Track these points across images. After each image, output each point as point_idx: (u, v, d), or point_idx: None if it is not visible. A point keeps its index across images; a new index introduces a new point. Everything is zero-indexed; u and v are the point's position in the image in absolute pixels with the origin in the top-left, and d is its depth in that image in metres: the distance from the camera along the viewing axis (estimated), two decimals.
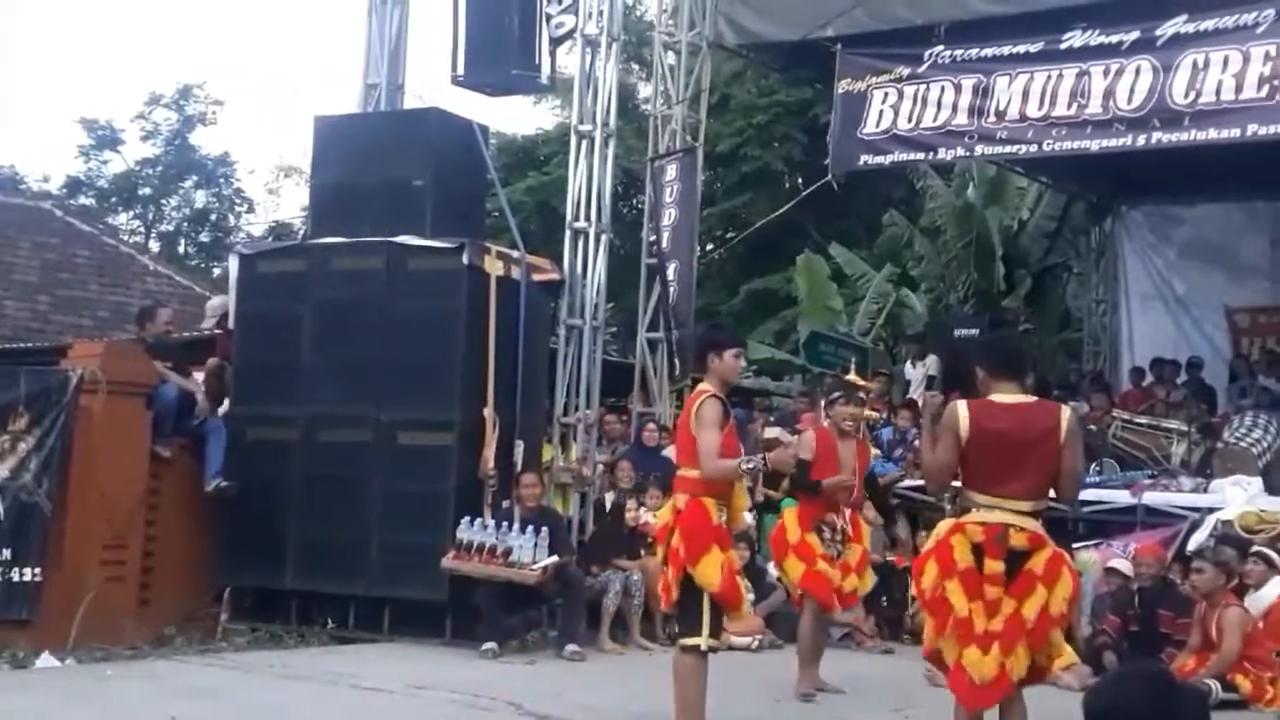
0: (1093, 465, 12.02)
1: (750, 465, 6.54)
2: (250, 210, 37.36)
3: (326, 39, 56.39)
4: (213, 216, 36.68)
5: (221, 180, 36.66)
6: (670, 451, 12.51)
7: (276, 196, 40.04)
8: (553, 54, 11.99)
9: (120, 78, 54.07)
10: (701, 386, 6.59)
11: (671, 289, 12.95)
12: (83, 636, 9.04)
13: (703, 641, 6.32)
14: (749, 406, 16.22)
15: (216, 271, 27.61)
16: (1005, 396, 5.67)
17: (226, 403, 10.75)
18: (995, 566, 5.53)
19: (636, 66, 26.32)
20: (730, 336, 6.94)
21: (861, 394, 8.79)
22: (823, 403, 9.46)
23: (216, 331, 11.43)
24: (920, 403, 7.75)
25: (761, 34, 13.48)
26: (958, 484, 5.89)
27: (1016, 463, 5.59)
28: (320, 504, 10.13)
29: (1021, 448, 5.59)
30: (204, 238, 36.51)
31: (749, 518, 11.78)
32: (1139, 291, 17.43)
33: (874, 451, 12.41)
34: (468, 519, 9.58)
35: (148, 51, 54.78)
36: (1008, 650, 5.49)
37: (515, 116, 47.92)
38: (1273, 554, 9.38)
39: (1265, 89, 10.52)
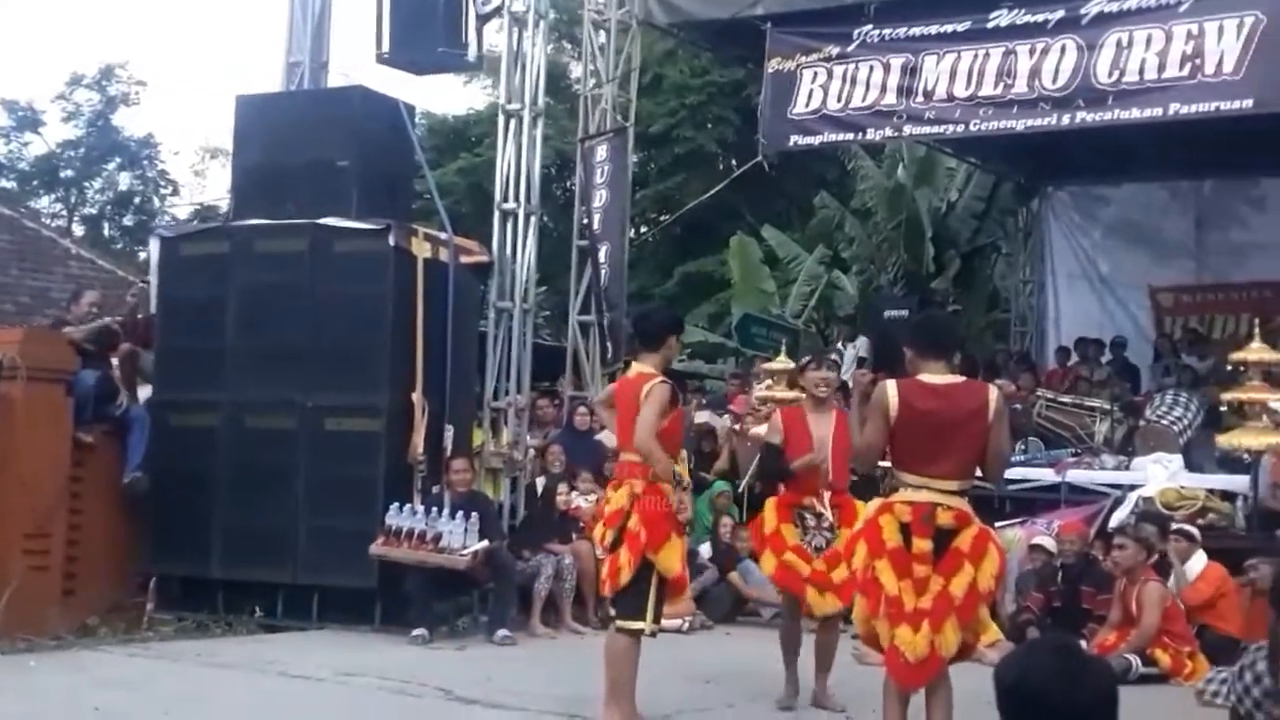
0: (1018, 444, 12.15)
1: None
2: (175, 193, 36.83)
3: (251, 17, 55.68)
4: (137, 199, 36.12)
5: (145, 162, 36.10)
6: (605, 436, 12.52)
7: (202, 179, 39.63)
8: (480, 31, 11.86)
9: (40, 57, 53.09)
10: (646, 369, 6.56)
11: (603, 271, 12.91)
12: (5, 627, 8.87)
13: (647, 626, 6.40)
14: (683, 390, 16.25)
15: (142, 255, 27.16)
16: (933, 377, 5.70)
17: (146, 390, 10.59)
18: (923, 545, 5.58)
19: (567, 45, 26.22)
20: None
21: (835, 357, 8.40)
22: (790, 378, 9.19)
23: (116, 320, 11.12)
24: (850, 382, 7.44)
25: (691, 12, 13.45)
26: (885, 464, 5.94)
27: (944, 442, 5.63)
28: (246, 491, 10.01)
29: (949, 428, 5.63)
30: (128, 221, 35.93)
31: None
32: (1065, 271, 17.63)
33: None
34: (397, 505, 9.51)
35: (69, 30, 53.84)
36: (937, 627, 5.54)
37: (447, 96, 47.62)
38: (1194, 530, 9.53)
39: (1187, 68, 10.65)
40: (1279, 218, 15.96)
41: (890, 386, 5.66)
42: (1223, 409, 11.07)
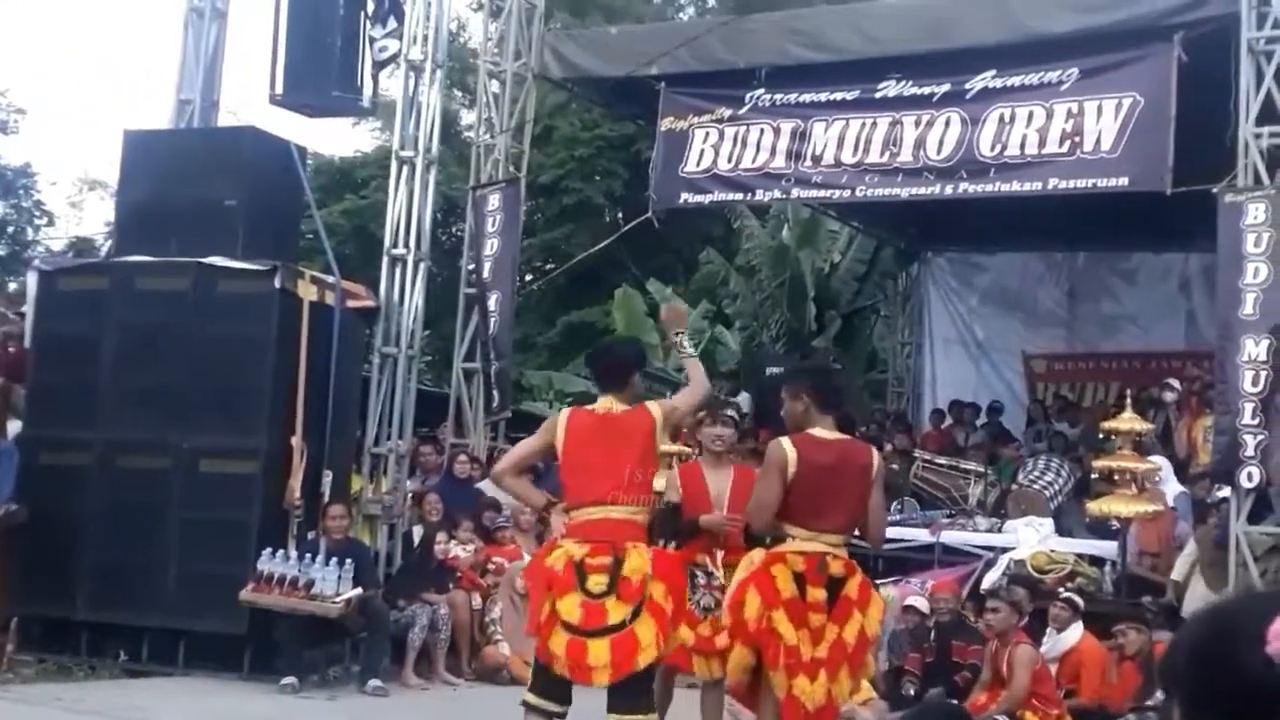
0: (893, 503, 12.35)
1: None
2: (50, 224, 35.91)
3: (138, 50, 54.80)
4: (10, 229, 35.21)
5: (21, 191, 35.23)
6: (485, 485, 12.37)
7: (79, 210, 38.57)
8: (375, 77, 11.87)
9: None
10: (642, 407, 5.95)
11: (493, 320, 12.88)
12: None
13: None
14: None
15: (12, 285, 26.47)
16: (825, 432, 5.80)
17: (17, 424, 10.30)
18: (818, 594, 5.70)
19: (459, 93, 26.25)
20: None
21: (730, 411, 7.46)
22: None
23: (10, 350, 10.93)
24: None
25: (586, 68, 13.55)
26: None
27: (834, 497, 5.77)
28: (116, 532, 9.77)
29: (840, 482, 5.77)
30: (0, 250, 35.02)
31: None
32: (942, 335, 17.96)
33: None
34: (269, 550, 9.35)
35: None
36: (834, 676, 5.70)
37: (333, 138, 47.26)
38: (1078, 599, 9.75)
39: (1066, 144, 10.99)
40: (1149, 291, 16.46)
41: (786, 444, 5.73)
42: (1093, 475, 11.36)
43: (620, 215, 24.12)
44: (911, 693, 9.28)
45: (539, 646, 5.85)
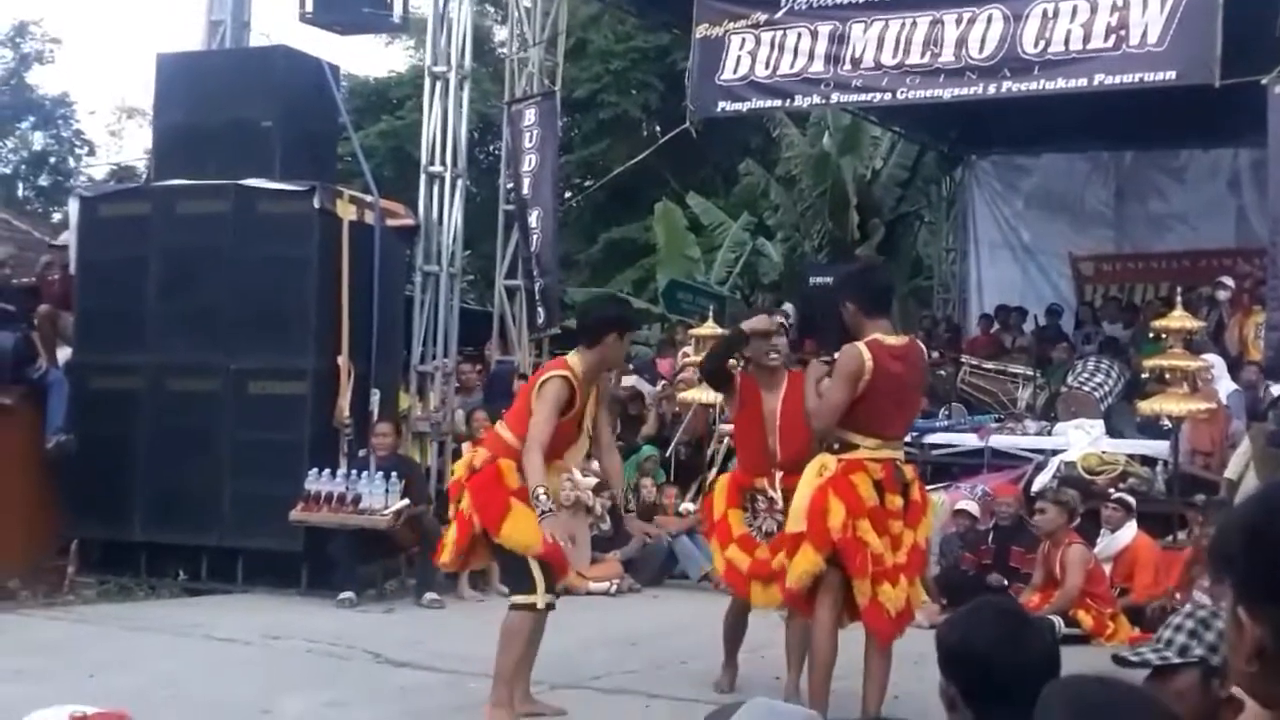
0: (941, 409, 12.31)
1: (542, 509, 5.78)
2: (91, 153, 36.08)
3: None
4: (52, 159, 35.36)
5: (60, 121, 35.33)
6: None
7: (119, 139, 38.63)
8: None
9: None
10: (562, 360, 6.06)
11: (535, 237, 12.83)
12: None
13: (539, 599, 5.89)
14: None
15: (56, 216, 26.64)
16: (889, 338, 5.74)
17: (66, 351, 10.40)
18: (896, 501, 5.75)
19: (491, 8, 26.00)
20: (636, 317, 6.54)
21: (781, 317, 6.93)
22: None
23: (54, 277, 11.01)
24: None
25: None
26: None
27: (902, 405, 5.77)
28: (169, 454, 9.88)
29: (907, 389, 5.76)
30: (43, 181, 35.17)
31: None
32: (988, 240, 17.79)
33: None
34: (316, 470, 9.44)
35: None
36: (911, 580, 5.80)
37: (367, 58, 47.00)
38: (1130, 499, 9.71)
39: (1112, 39, 10.73)
40: (1198, 189, 16.22)
41: (864, 351, 5.64)
42: (1144, 375, 11.25)
43: (658, 128, 23.93)
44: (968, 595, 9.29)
45: None
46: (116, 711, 1.61)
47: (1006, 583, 9.32)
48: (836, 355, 5.79)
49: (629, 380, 13.34)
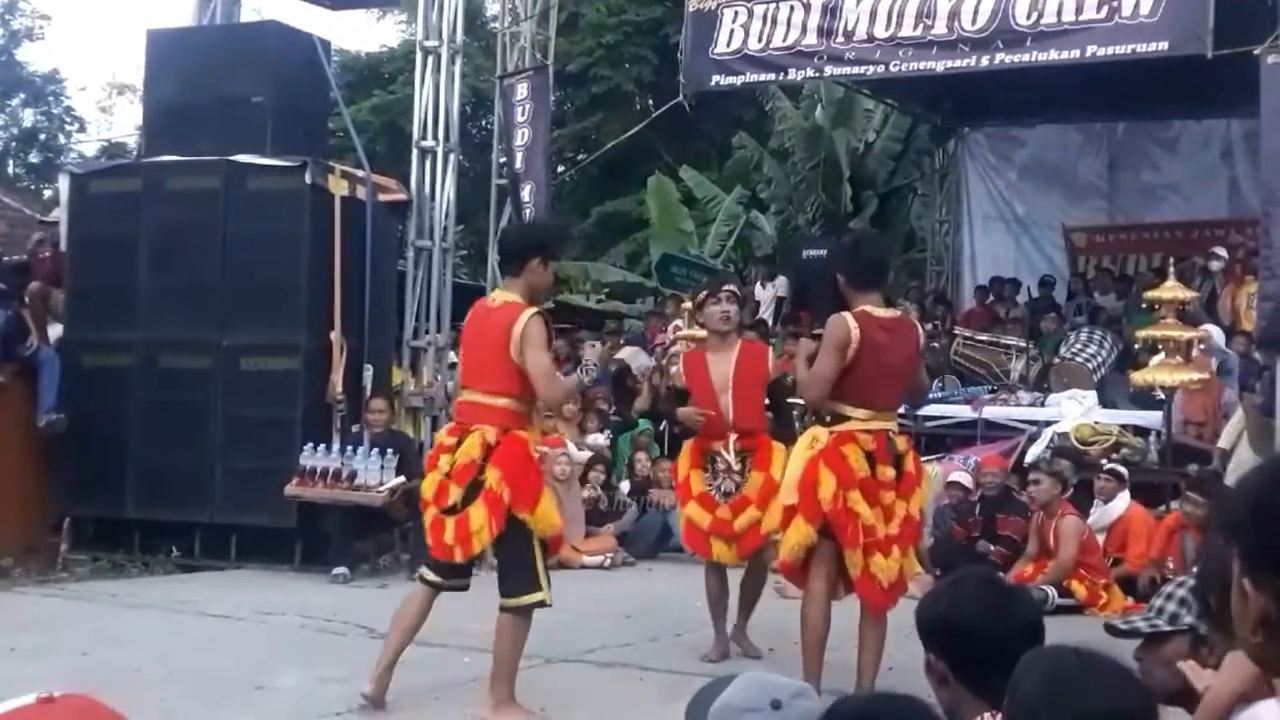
0: (935, 381, 12.30)
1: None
2: (82, 129, 35.99)
3: None
4: (42, 136, 35.24)
5: (50, 98, 35.21)
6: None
7: (109, 115, 38.68)
8: None
9: None
10: (512, 298, 5.62)
11: (527, 210, 12.81)
12: None
13: (547, 595, 5.59)
14: (598, 329, 16.25)
15: (47, 193, 26.54)
16: (877, 310, 5.75)
17: (58, 329, 10.38)
18: (888, 472, 5.77)
19: None
20: (564, 241, 6.39)
21: (732, 286, 7.10)
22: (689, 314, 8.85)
23: (45, 254, 10.99)
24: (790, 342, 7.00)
25: None
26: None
27: (891, 375, 5.77)
28: (161, 431, 9.87)
29: (895, 360, 5.74)
30: (34, 158, 35.07)
31: (602, 438, 11.85)
32: (981, 212, 17.75)
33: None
34: (311, 445, 9.43)
35: None
36: (904, 551, 5.81)
37: (358, 33, 46.81)
38: (1122, 470, 9.74)
39: (1104, 10, 10.70)
40: (1190, 159, 16.18)
41: (850, 320, 5.67)
42: (1136, 346, 11.26)
43: (651, 102, 23.86)
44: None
45: None
46: (80, 694, 1.61)
47: (992, 548, 9.35)
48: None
49: (625, 353, 13.34)
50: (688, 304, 12.74)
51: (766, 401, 6.99)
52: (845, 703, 2.35)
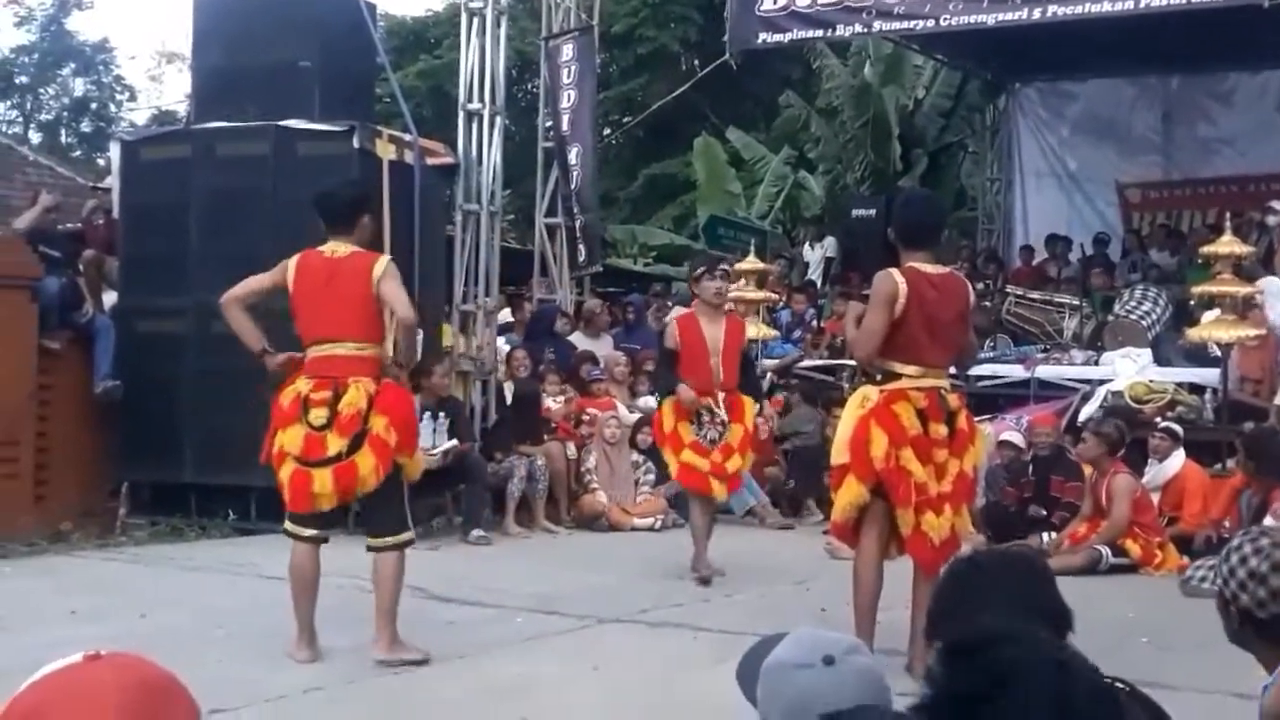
0: (987, 340, 12.22)
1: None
2: (132, 98, 36.29)
3: None
4: (93, 105, 35.54)
5: (101, 67, 35.48)
6: (576, 338, 12.52)
7: (159, 83, 39.04)
8: None
9: None
10: (355, 249, 5.98)
11: (574, 174, 12.79)
12: None
13: (414, 535, 6.03)
14: (645, 292, 16.21)
15: (100, 162, 26.79)
16: (927, 266, 5.71)
17: (112, 296, 10.47)
18: (940, 429, 5.72)
19: None
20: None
21: (725, 265, 8.82)
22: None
23: (99, 222, 11.08)
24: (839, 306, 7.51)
25: None
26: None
27: (941, 332, 5.72)
28: (216, 396, 9.91)
29: (945, 316, 5.70)
30: (85, 127, 35.38)
31: (652, 400, 11.85)
32: (1033, 168, 17.57)
33: (765, 331, 12.48)
34: None
35: None
36: (957, 509, 5.78)
37: None
38: (1177, 428, 9.63)
39: None
40: (1246, 112, 15.92)
41: (897, 275, 5.64)
42: (1192, 303, 11.13)
43: (696, 62, 23.74)
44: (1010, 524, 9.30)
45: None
46: (126, 652, 1.62)
47: (1046, 513, 9.29)
48: None
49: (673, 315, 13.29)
50: (738, 265, 12.75)
51: None
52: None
